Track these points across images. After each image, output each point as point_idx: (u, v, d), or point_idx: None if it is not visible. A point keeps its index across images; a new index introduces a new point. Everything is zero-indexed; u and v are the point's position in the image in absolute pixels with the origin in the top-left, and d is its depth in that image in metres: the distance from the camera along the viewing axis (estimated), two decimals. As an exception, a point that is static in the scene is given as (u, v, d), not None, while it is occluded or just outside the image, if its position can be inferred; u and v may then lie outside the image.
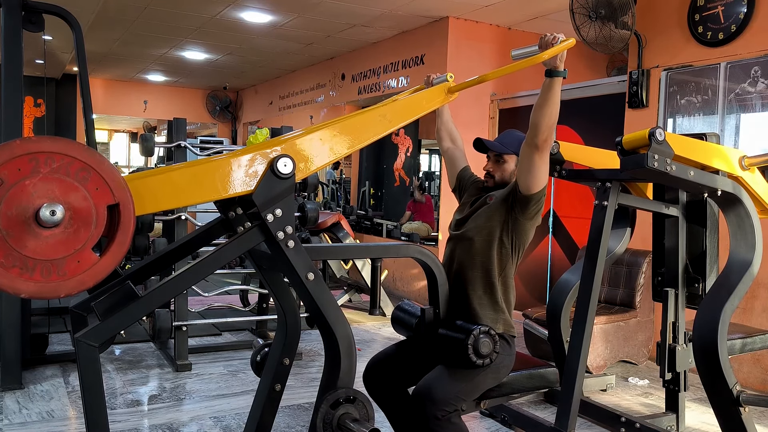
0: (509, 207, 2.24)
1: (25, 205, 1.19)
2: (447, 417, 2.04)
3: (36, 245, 1.20)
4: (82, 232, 1.24)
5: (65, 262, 1.22)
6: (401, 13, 6.28)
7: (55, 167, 1.25)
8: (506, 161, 2.39)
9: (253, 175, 1.61)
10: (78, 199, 1.25)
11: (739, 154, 2.59)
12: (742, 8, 4.13)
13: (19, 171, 1.22)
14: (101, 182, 1.28)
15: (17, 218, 1.19)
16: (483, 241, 2.25)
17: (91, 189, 1.27)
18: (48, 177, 1.23)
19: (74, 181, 1.25)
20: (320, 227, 5.80)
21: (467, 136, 2.57)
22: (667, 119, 4.64)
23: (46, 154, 1.24)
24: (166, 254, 1.92)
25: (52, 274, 1.21)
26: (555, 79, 2.08)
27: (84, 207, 1.25)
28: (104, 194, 1.28)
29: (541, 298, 5.76)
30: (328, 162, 1.79)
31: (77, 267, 1.23)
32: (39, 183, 1.22)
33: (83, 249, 1.24)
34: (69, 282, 1.22)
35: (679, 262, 2.82)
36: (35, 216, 1.19)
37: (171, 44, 8.18)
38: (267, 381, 1.97)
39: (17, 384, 3.65)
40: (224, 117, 11.98)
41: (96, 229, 1.26)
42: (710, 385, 2.49)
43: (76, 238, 1.24)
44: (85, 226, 1.25)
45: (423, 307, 2.22)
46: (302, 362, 4.42)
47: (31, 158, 1.23)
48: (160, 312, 3.98)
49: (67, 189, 1.24)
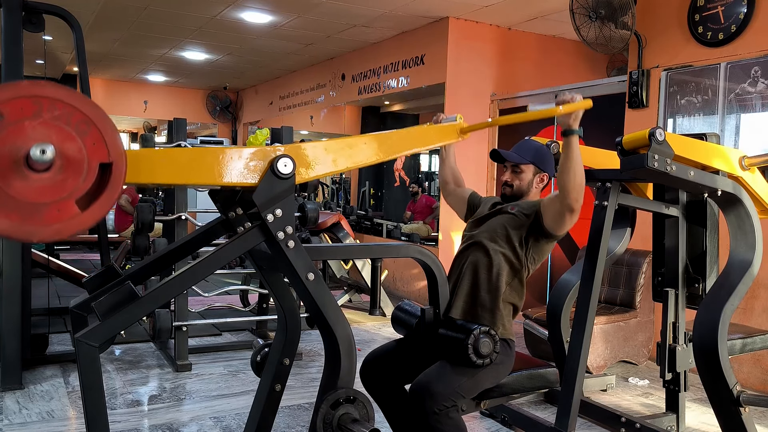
0: (530, 230, 2.30)
1: (19, 145, 1.18)
2: (445, 412, 2.04)
3: (21, 186, 1.19)
4: (70, 182, 1.23)
5: (46, 208, 1.21)
6: (401, 14, 6.28)
7: (57, 114, 1.24)
8: (523, 171, 2.43)
9: (252, 169, 1.61)
10: (73, 149, 1.24)
11: (739, 154, 2.59)
12: (742, 8, 4.13)
13: (21, 111, 1.21)
14: (99, 139, 1.27)
15: (9, 156, 1.18)
16: (498, 248, 2.29)
17: (89, 143, 1.26)
18: (48, 122, 1.23)
19: (73, 132, 1.25)
20: (320, 227, 5.80)
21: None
22: (667, 119, 4.64)
23: (51, 100, 1.24)
24: (166, 254, 1.92)
25: (30, 217, 1.19)
26: (571, 137, 2.12)
27: (77, 158, 1.24)
28: (100, 151, 1.27)
29: (541, 298, 5.76)
30: (329, 172, 1.79)
31: (57, 216, 1.21)
32: (38, 126, 1.21)
33: (67, 199, 1.23)
34: (45, 229, 1.20)
35: (679, 262, 2.82)
36: (27, 157, 1.18)
37: (171, 44, 8.18)
38: (267, 381, 1.97)
39: (17, 384, 3.65)
40: (224, 117, 11.98)
41: (84, 182, 1.24)
42: (710, 385, 2.49)
43: (62, 186, 1.22)
44: (73, 177, 1.23)
45: (423, 307, 2.22)
46: (302, 362, 4.42)
47: (35, 101, 1.23)
48: (160, 312, 3.98)
49: (64, 137, 1.24)
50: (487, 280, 2.27)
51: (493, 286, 2.26)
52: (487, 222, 2.40)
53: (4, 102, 1.20)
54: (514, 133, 6.12)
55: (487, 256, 2.29)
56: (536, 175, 2.44)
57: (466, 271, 2.31)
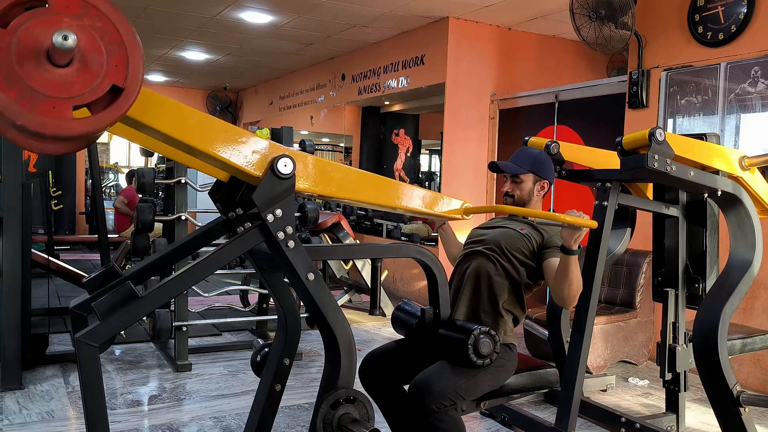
0: (533, 259, 2.35)
1: (48, 33, 1.19)
2: (444, 410, 2.05)
3: (32, 70, 1.20)
4: (77, 87, 1.23)
5: (44, 100, 1.21)
6: (401, 14, 6.28)
7: (98, 26, 1.25)
8: (523, 180, 2.45)
9: (253, 157, 1.61)
10: (95, 61, 1.25)
11: (739, 155, 2.59)
12: (742, 8, 4.13)
13: (67, 7, 1.23)
14: (123, 64, 1.28)
15: (35, 39, 1.19)
16: (502, 259, 2.33)
17: (112, 63, 1.26)
18: (85, 27, 1.24)
19: (103, 47, 1.26)
20: (320, 227, 5.80)
21: (468, 136, 2.60)
22: (667, 119, 4.64)
23: (99, 12, 1.26)
24: (166, 254, 1.92)
25: (24, 99, 1.19)
26: (570, 257, 2.12)
27: (93, 71, 1.25)
28: (119, 74, 1.27)
29: (541, 298, 5.76)
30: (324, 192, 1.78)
31: (50, 111, 1.21)
32: (74, 25, 1.22)
33: (66, 100, 1.23)
34: (32, 116, 1.20)
35: (679, 262, 2.82)
36: (50, 48, 1.19)
37: (171, 44, 8.18)
38: (267, 381, 1.97)
39: (17, 384, 3.65)
40: (224, 117, 11.97)
41: (89, 94, 1.25)
42: (710, 385, 2.49)
43: (68, 88, 1.23)
44: (82, 84, 1.24)
45: (423, 307, 2.22)
46: (302, 362, 4.42)
47: (83, 5, 1.24)
48: (161, 312, 3.98)
49: (93, 47, 1.24)
50: (488, 288, 2.30)
51: (494, 294, 2.29)
52: (493, 231, 2.42)
53: None
54: (515, 136, 6.13)
55: (489, 263, 2.32)
56: (536, 183, 2.45)
57: (468, 278, 2.33)
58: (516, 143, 2.68)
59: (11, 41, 1.18)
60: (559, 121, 5.74)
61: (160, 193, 9.43)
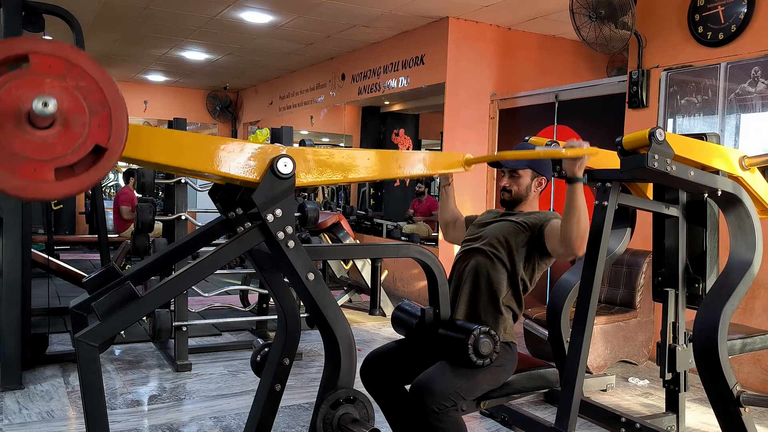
0: (531, 243, 2.32)
1: (30, 96, 1.17)
2: (445, 411, 2.05)
3: (12, 133, 1.17)
4: (58, 149, 1.21)
5: (25, 162, 1.18)
6: (401, 14, 6.28)
7: (81, 85, 1.23)
8: (521, 176, 2.45)
9: (252, 165, 1.61)
10: (77, 121, 1.22)
11: (740, 154, 2.59)
12: (742, 8, 4.13)
13: (50, 67, 1.21)
14: (107, 124, 1.26)
15: (16, 102, 1.17)
16: (499, 253, 2.31)
17: (94, 123, 1.24)
18: (68, 88, 1.22)
19: (86, 107, 1.24)
20: (320, 227, 5.80)
21: (468, 136, 2.59)
22: (667, 119, 4.64)
23: (82, 71, 1.23)
24: (166, 254, 1.92)
25: (4, 162, 1.17)
26: (575, 185, 2.09)
27: (75, 132, 1.22)
28: (102, 134, 1.25)
29: (541, 298, 5.76)
30: (332, 180, 1.79)
31: (30, 173, 1.19)
32: (56, 86, 1.20)
33: (47, 162, 1.20)
34: (12, 180, 1.17)
35: (679, 262, 2.82)
36: (30, 111, 1.17)
37: (171, 44, 8.17)
38: (267, 381, 1.96)
39: (17, 384, 3.65)
40: (224, 117, 11.98)
41: (71, 155, 1.22)
42: (710, 385, 2.49)
43: (49, 150, 1.20)
44: (63, 146, 1.21)
45: (423, 307, 2.22)
46: (302, 362, 4.42)
47: (67, 65, 1.22)
48: (160, 312, 3.98)
49: (76, 107, 1.22)
50: (487, 285, 2.29)
51: (494, 291, 2.28)
52: (489, 227, 2.41)
53: (38, 53, 1.19)
54: (515, 136, 6.12)
55: (487, 260, 2.31)
56: (534, 179, 2.45)
57: (467, 276, 2.32)
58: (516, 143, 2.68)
59: None
60: (559, 121, 5.74)
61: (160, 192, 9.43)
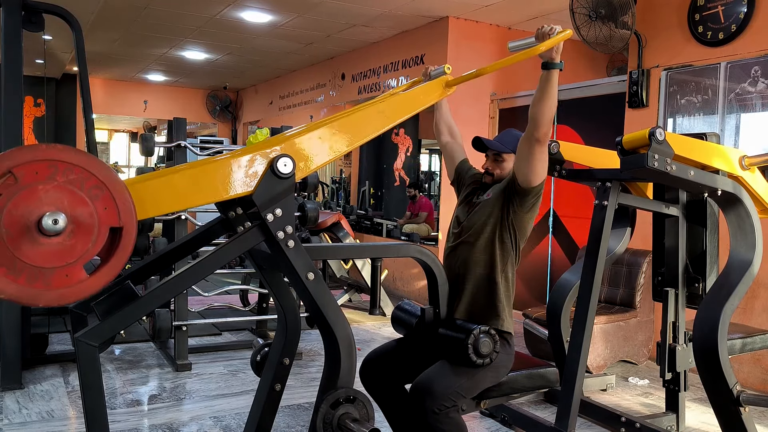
0: (506, 200, 2.26)
1: (32, 209, 1.19)
2: (445, 411, 2.04)
3: (30, 250, 1.19)
4: (79, 247, 1.24)
5: (54, 273, 1.21)
6: (401, 13, 6.28)
7: (72, 179, 1.24)
8: (505, 160, 2.40)
9: (253, 175, 1.61)
10: (84, 214, 1.24)
11: (739, 154, 2.59)
12: (742, 8, 4.13)
13: (36, 174, 1.22)
14: (112, 203, 1.28)
15: (21, 219, 1.19)
16: (484, 238, 2.27)
17: (100, 208, 1.26)
18: (62, 186, 1.23)
19: (85, 197, 1.25)
20: (320, 227, 5.80)
21: (467, 135, 2.58)
22: (667, 119, 4.64)
23: (67, 164, 1.24)
24: (166, 254, 1.92)
25: (37, 281, 1.19)
26: (552, 71, 2.08)
27: (88, 224, 1.25)
28: (111, 215, 1.27)
29: (541, 298, 5.76)
30: (328, 160, 1.79)
31: (64, 281, 1.22)
32: (51, 190, 1.22)
33: (75, 264, 1.23)
34: (50, 293, 1.20)
35: (679, 262, 2.82)
36: (38, 222, 1.19)
37: (171, 44, 8.17)
38: (267, 381, 1.97)
39: (17, 384, 3.65)
40: (224, 117, 11.98)
41: (93, 247, 1.25)
42: (710, 385, 2.49)
43: (71, 252, 1.23)
44: (83, 243, 1.24)
45: (423, 307, 2.22)
46: (302, 362, 4.42)
47: (51, 165, 1.23)
48: (160, 312, 3.98)
49: (76, 202, 1.24)
50: (482, 276, 2.25)
51: (489, 280, 2.25)
52: (469, 218, 2.36)
53: (19, 165, 1.20)
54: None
55: (477, 252, 2.27)
56: None
57: (459, 270, 2.30)
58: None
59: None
60: (559, 121, 5.74)
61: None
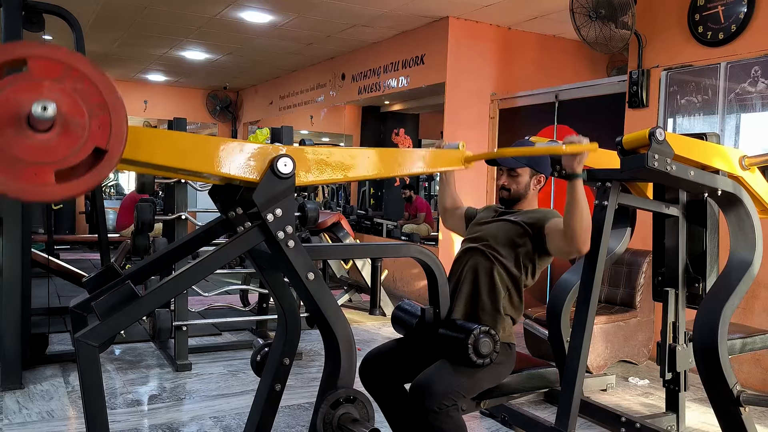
0: (531, 241, 2.30)
1: (30, 100, 1.17)
2: (445, 411, 2.05)
3: (13, 137, 1.18)
4: (59, 152, 1.21)
5: (25, 166, 1.19)
6: (401, 13, 6.28)
7: (79, 88, 1.23)
8: (520, 174, 2.43)
9: (252, 164, 1.61)
10: (77, 124, 1.23)
11: (740, 154, 2.59)
12: (742, 8, 4.13)
13: (48, 71, 1.21)
14: (107, 126, 1.26)
15: (15, 106, 1.17)
16: (498, 253, 2.31)
17: (94, 125, 1.24)
18: (67, 91, 1.22)
19: (85, 109, 1.24)
20: (320, 227, 5.80)
21: (467, 136, 2.59)
22: (667, 119, 4.64)
23: (81, 74, 1.24)
24: (166, 254, 1.92)
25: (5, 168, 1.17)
26: (576, 181, 2.09)
27: (76, 133, 1.23)
28: (101, 136, 1.25)
29: (541, 298, 5.76)
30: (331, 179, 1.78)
31: (31, 177, 1.19)
32: (55, 90, 1.21)
33: (47, 165, 1.20)
34: (13, 184, 1.18)
35: (679, 262, 2.82)
36: (30, 114, 1.17)
37: (171, 44, 8.17)
38: (267, 381, 1.96)
39: (17, 384, 3.65)
40: (224, 117, 11.98)
41: (72, 158, 1.23)
42: (710, 385, 2.49)
43: (49, 152, 1.21)
44: (64, 149, 1.22)
45: (423, 307, 2.22)
46: (302, 362, 4.42)
47: (66, 68, 1.23)
48: (160, 312, 3.98)
49: (75, 110, 1.23)
50: (487, 284, 2.28)
51: (493, 290, 2.27)
52: (488, 226, 2.41)
53: (36, 57, 1.20)
54: (515, 133, 6.12)
55: (486, 261, 2.30)
56: (533, 177, 2.44)
57: (466, 275, 2.32)
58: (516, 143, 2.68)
59: None
60: (559, 121, 5.74)
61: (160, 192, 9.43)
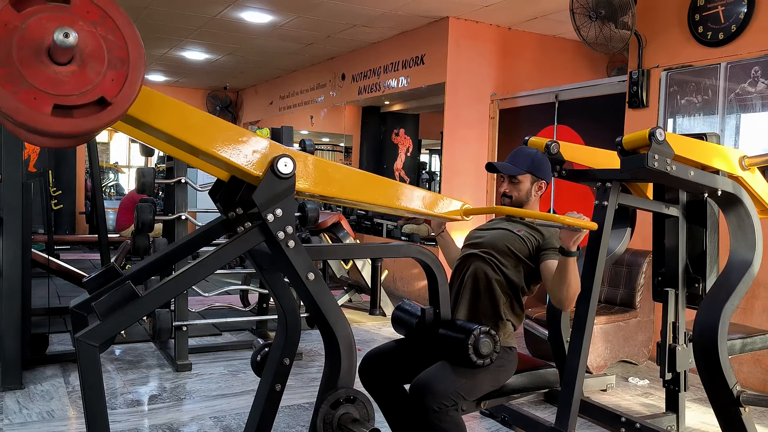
0: (529, 260, 2.36)
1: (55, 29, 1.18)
2: (445, 410, 2.05)
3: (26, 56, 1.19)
4: (66, 87, 1.22)
5: (28, 88, 1.19)
6: (401, 13, 6.28)
7: (108, 38, 1.25)
8: (521, 181, 2.45)
9: (254, 156, 1.60)
10: (93, 69, 1.24)
11: (740, 154, 2.59)
12: (742, 8, 4.13)
13: (87, 13, 1.23)
14: (121, 80, 1.27)
15: (41, 31, 1.19)
16: (499, 262, 2.33)
17: (109, 75, 1.25)
18: (95, 35, 1.24)
19: (107, 57, 1.25)
20: (320, 227, 5.80)
21: (468, 136, 2.60)
22: (667, 119, 4.64)
23: (115, 26, 1.25)
24: (166, 254, 1.92)
25: (9, 81, 1.18)
26: (569, 258, 2.12)
27: (88, 77, 1.24)
28: (112, 89, 1.26)
29: (541, 298, 5.76)
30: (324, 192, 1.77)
31: (29, 101, 1.20)
32: (84, 30, 1.22)
33: (48, 96, 1.21)
34: (9, 101, 1.18)
35: (679, 262, 2.82)
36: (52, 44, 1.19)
37: (171, 44, 8.18)
38: (267, 381, 1.96)
39: (17, 384, 3.65)
40: (224, 117, 11.96)
41: (75, 97, 1.23)
42: (710, 385, 2.49)
43: (55, 85, 1.21)
44: (70, 86, 1.22)
45: (423, 307, 2.22)
46: (302, 362, 4.42)
47: (103, 16, 1.24)
48: (161, 312, 3.98)
49: (97, 55, 1.24)
50: (487, 291, 2.31)
51: (493, 297, 2.30)
52: (489, 234, 2.42)
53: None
54: (515, 136, 6.12)
55: (488, 267, 2.33)
56: (534, 183, 2.45)
57: (467, 281, 2.34)
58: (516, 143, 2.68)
59: (19, 26, 1.18)
60: (559, 121, 5.74)
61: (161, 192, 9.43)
